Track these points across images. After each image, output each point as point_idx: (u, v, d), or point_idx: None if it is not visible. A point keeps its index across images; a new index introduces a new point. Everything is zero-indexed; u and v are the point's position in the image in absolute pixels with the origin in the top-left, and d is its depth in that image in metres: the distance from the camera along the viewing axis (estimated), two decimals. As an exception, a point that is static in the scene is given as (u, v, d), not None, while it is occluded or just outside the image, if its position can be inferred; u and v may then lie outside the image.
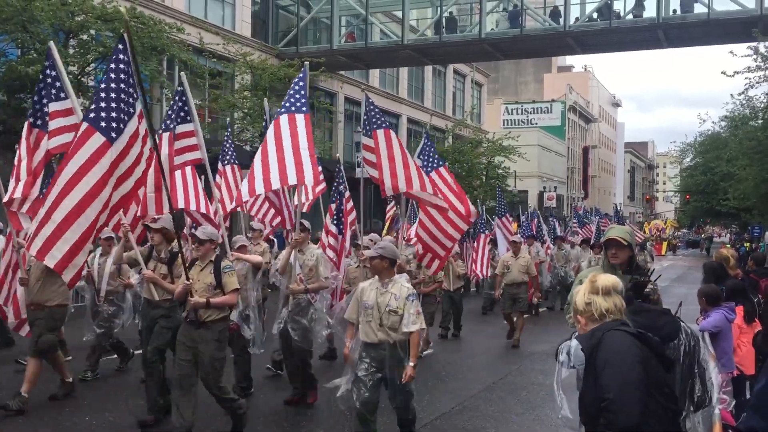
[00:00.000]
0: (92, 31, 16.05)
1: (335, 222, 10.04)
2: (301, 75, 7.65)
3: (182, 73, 7.93)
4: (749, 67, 23.00)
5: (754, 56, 22.70)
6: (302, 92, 7.48)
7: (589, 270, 5.56)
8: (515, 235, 15.58)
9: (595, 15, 25.93)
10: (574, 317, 3.46)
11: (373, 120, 8.30)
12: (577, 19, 26.31)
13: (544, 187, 59.04)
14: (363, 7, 28.67)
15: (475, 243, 16.55)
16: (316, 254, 8.25)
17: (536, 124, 65.37)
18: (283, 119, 7.32)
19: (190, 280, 6.50)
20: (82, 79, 16.56)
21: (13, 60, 15.61)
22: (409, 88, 38.94)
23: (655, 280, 4.41)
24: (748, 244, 37.64)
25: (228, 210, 9.99)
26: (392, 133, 8.24)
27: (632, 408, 2.96)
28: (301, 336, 7.87)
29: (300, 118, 7.31)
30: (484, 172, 36.46)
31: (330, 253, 9.82)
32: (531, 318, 15.28)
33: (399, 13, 29.16)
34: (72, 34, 16.26)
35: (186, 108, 7.66)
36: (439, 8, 28.14)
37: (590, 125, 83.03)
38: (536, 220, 20.41)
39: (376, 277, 6.21)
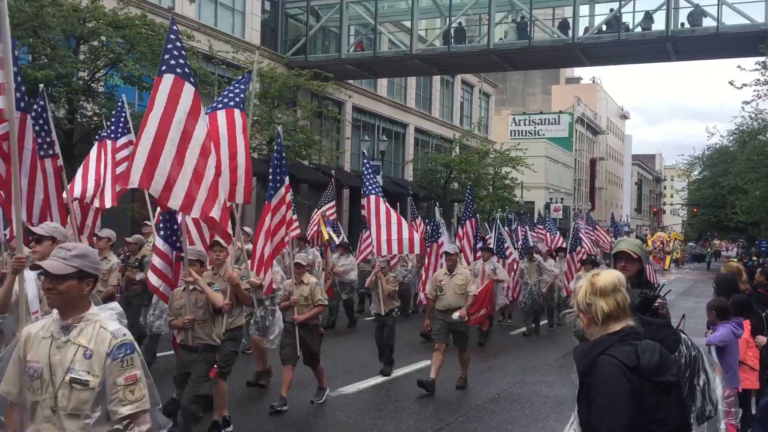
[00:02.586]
0: (103, 38, 16.14)
1: (162, 233, 7.05)
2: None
3: None
4: (758, 80, 23.04)
5: (762, 71, 22.74)
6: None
7: None
8: (449, 245, 11.66)
9: (603, 27, 25.94)
10: (578, 311, 3.27)
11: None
12: (586, 30, 26.34)
13: (551, 199, 58.89)
14: (372, 17, 28.79)
15: (426, 258, 12.70)
16: None
17: (544, 135, 65.33)
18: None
19: None
20: (92, 84, 16.67)
21: (24, 65, 15.71)
22: (417, 97, 39.01)
23: (665, 295, 4.39)
24: (756, 258, 37.55)
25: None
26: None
27: None
28: None
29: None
30: (491, 183, 36.52)
31: (155, 280, 6.98)
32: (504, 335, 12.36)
33: (408, 23, 29.26)
34: (83, 40, 16.36)
35: None
36: (448, 19, 28.22)
37: (598, 137, 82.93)
38: (500, 230, 15.40)
39: (54, 313, 3.26)
